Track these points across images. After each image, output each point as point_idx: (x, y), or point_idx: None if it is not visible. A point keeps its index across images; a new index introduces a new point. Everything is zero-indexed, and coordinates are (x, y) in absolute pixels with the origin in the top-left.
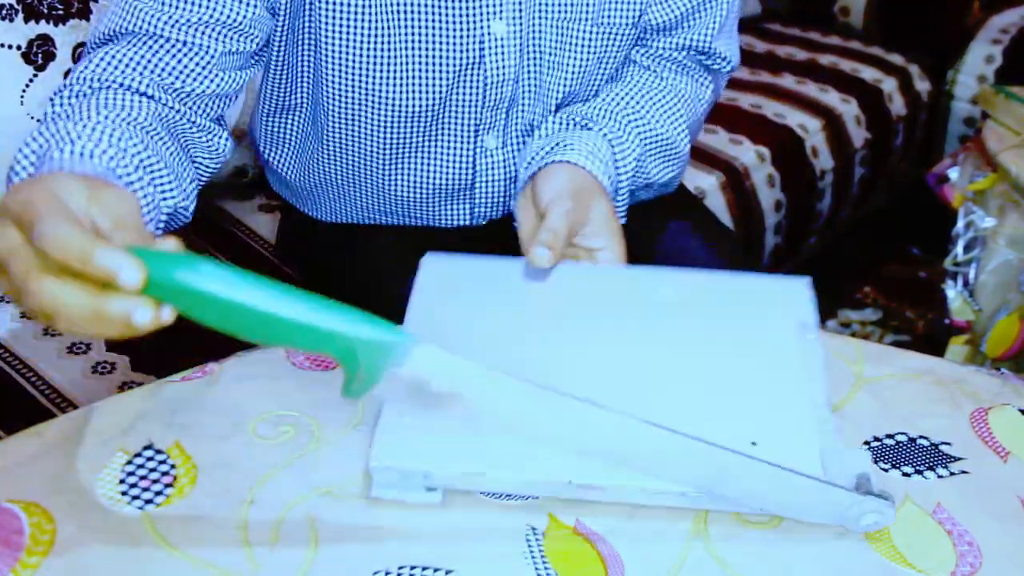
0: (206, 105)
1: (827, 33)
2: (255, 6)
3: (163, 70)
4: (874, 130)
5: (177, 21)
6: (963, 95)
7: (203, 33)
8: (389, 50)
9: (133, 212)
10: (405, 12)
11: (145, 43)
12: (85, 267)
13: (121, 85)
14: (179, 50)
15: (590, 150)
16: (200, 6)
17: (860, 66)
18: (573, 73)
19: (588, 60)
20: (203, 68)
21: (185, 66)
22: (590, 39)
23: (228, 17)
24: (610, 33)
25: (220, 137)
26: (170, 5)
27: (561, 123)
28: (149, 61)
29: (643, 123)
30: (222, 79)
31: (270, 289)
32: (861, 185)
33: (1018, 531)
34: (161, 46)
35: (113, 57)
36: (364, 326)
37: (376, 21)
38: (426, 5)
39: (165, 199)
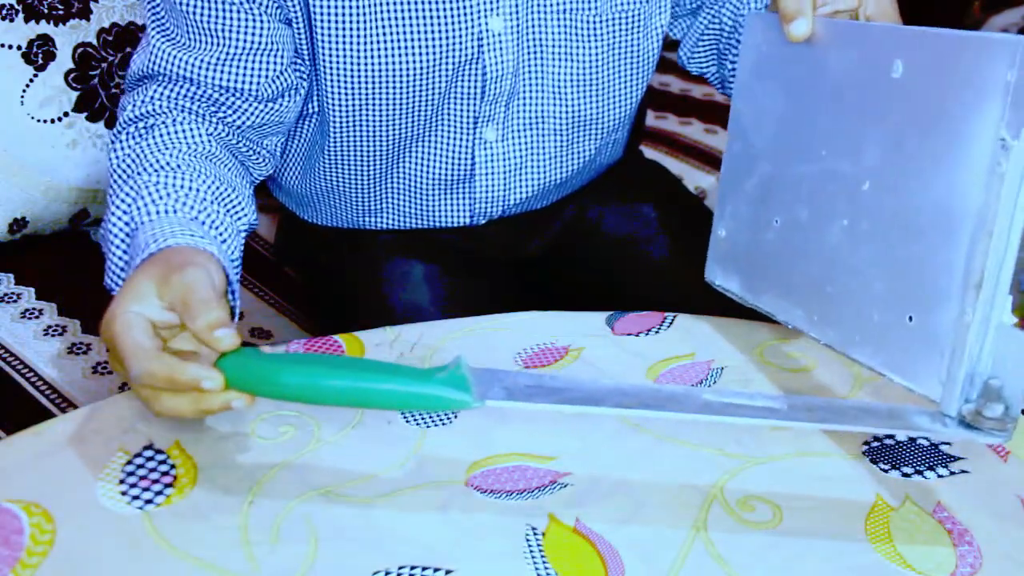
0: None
1: None
2: (284, 73)
3: (210, 106)
4: None
5: (215, 82)
6: None
7: (239, 96)
8: (386, 49)
9: (202, 283)
10: (401, 11)
11: (187, 82)
12: (177, 386)
13: (172, 110)
14: (219, 99)
15: None
16: (232, 75)
17: None
18: (586, 63)
19: (600, 49)
20: (245, 114)
21: (225, 113)
22: (597, 28)
23: (261, 90)
24: (616, 19)
25: (267, 150)
26: (207, 67)
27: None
28: (195, 95)
29: None
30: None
31: (327, 367)
32: None
33: (1018, 531)
34: (201, 89)
35: (159, 90)
36: (437, 389)
37: (373, 21)
38: (422, 3)
39: (240, 220)
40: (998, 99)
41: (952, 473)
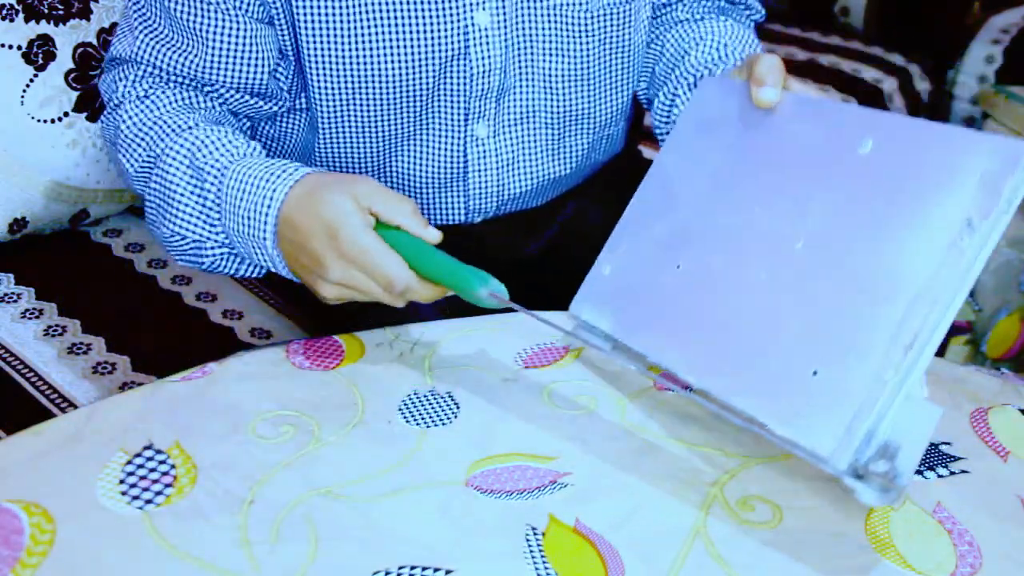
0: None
1: (827, 33)
2: (267, 71)
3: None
4: None
5: (192, 74)
6: (963, 95)
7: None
8: (370, 45)
9: (379, 186)
10: (385, 6)
11: (170, 74)
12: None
13: (166, 84)
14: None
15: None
16: (213, 72)
17: (860, 66)
18: (577, 58)
19: (590, 44)
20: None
21: (213, 96)
22: (586, 22)
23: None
24: (606, 14)
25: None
26: (187, 57)
27: (688, 78)
28: (180, 82)
29: (755, 51)
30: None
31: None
32: None
33: (1018, 531)
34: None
35: (147, 70)
36: (457, 278)
37: (356, 17)
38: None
39: None
40: (971, 185)
41: (952, 473)
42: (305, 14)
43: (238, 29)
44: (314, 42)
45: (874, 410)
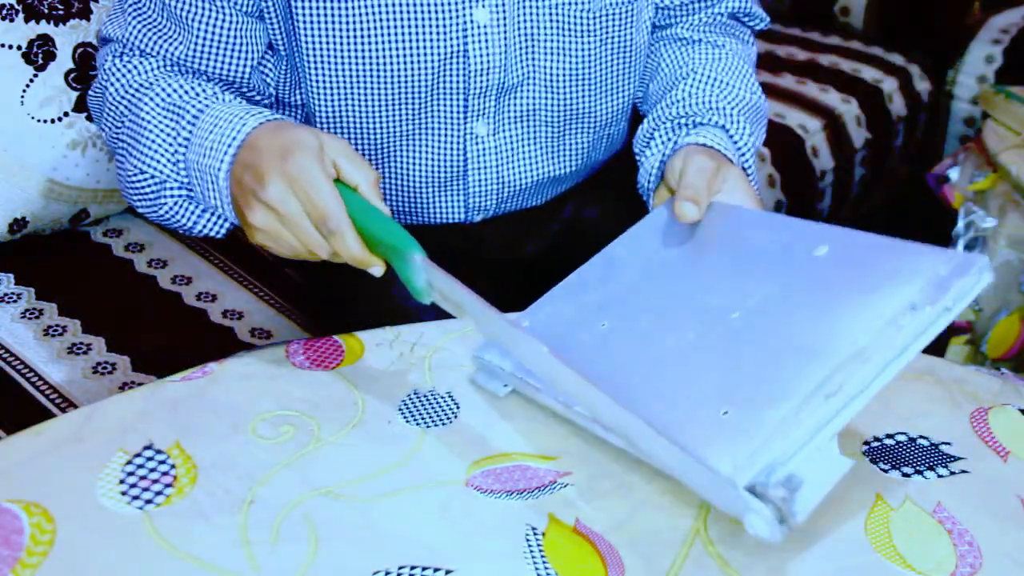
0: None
1: (827, 33)
2: (251, 64)
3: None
4: (874, 130)
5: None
6: (963, 95)
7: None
8: (371, 42)
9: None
10: (385, 3)
11: (159, 58)
12: (353, 263)
13: (156, 63)
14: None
15: (708, 135)
16: (199, 61)
17: (860, 66)
18: (578, 58)
19: (592, 44)
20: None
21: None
22: (588, 22)
23: (227, 74)
24: (607, 14)
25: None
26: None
27: (672, 130)
28: (169, 65)
29: (737, 99)
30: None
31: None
32: (861, 185)
33: (1018, 531)
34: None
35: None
36: (396, 237)
37: (356, 13)
38: None
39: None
40: (920, 281)
41: (952, 473)
42: (303, 10)
43: (224, 20)
44: (312, 39)
45: (783, 443)
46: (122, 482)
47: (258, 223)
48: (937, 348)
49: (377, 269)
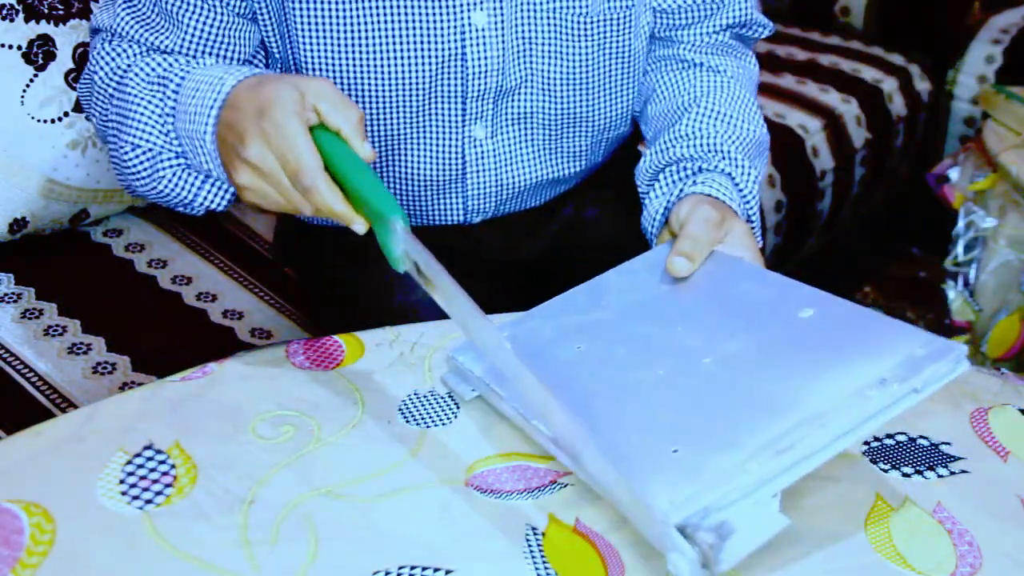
0: None
1: (827, 33)
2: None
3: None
4: (874, 130)
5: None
6: (963, 95)
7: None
8: (368, 46)
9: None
10: (382, 6)
11: (147, 48)
12: (332, 217)
13: (144, 50)
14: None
15: (714, 184)
16: (188, 57)
17: (860, 66)
18: (575, 62)
19: (589, 48)
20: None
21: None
22: (585, 27)
23: (206, 36)
24: (605, 19)
25: None
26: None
27: (676, 173)
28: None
29: (740, 137)
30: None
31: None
32: (861, 185)
33: (1018, 531)
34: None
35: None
36: (380, 200)
37: (352, 18)
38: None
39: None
40: (895, 359)
41: (952, 473)
42: (298, 14)
43: (215, 18)
44: (308, 43)
45: (723, 489)
46: (122, 482)
47: (244, 182)
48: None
49: (359, 227)
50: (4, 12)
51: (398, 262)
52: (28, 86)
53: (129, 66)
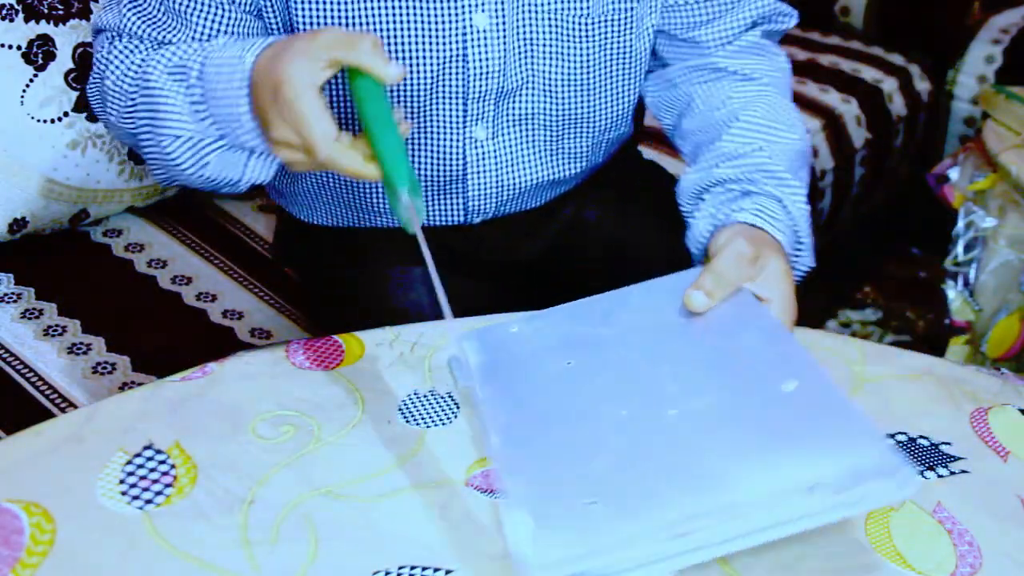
0: None
1: (827, 33)
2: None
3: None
4: (874, 130)
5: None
6: (963, 95)
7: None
8: None
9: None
10: (385, 7)
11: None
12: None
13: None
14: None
15: (762, 210)
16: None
17: (860, 66)
18: (578, 63)
19: (590, 49)
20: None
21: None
22: (586, 27)
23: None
24: (606, 20)
25: None
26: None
27: (724, 194)
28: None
29: (784, 152)
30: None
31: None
32: (861, 185)
33: (1018, 531)
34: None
35: (131, 39)
36: (391, 165)
37: (355, 17)
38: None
39: None
40: (841, 465)
41: (952, 473)
42: (302, 12)
43: (223, 15)
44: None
45: (607, 559)
46: (122, 482)
47: (284, 159)
48: (937, 348)
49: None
50: (4, 12)
51: (405, 225)
52: (28, 86)
53: (144, 60)
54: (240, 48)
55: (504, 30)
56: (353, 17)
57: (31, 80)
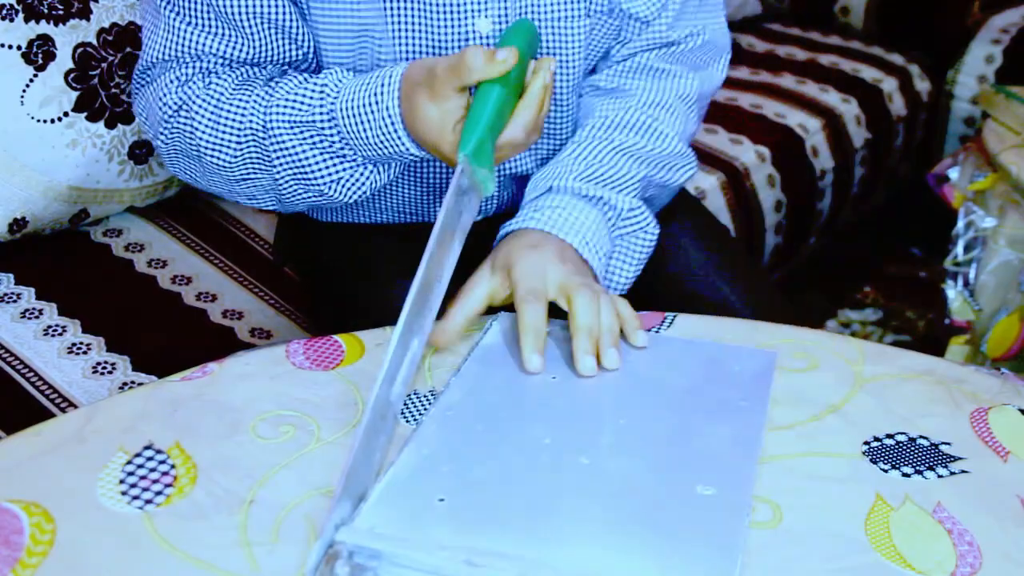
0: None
1: (827, 33)
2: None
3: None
4: (874, 130)
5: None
6: (963, 95)
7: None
8: (374, 51)
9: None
10: (388, 12)
11: (214, 58)
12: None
13: (210, 72)
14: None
15: (555, 216)
16: (256, 53)
17: (860, 66)
18: (571, 67)
19: (579, 53)
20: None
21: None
22: (582, 34)
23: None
24: (599, 26)
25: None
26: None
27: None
28: (223, 64)
29: (638, 151)
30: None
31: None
32: (861, 185)
33: (1018, 531)
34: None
35: (191, 65)
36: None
37: (359, 23)
38: (410, 5)
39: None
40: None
41: (952, 473)
42: (313, 16)
43: (270, 9)
44: (323, 43)
45: (405, 553)
46: (122, 482)
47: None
48: (937, 348)
49: None
50: (4, 12)
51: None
52: (28, 86)
53: (236, 106)
54: (370, 96)
55: None
56: (357, 23)
57: (31, 80)
